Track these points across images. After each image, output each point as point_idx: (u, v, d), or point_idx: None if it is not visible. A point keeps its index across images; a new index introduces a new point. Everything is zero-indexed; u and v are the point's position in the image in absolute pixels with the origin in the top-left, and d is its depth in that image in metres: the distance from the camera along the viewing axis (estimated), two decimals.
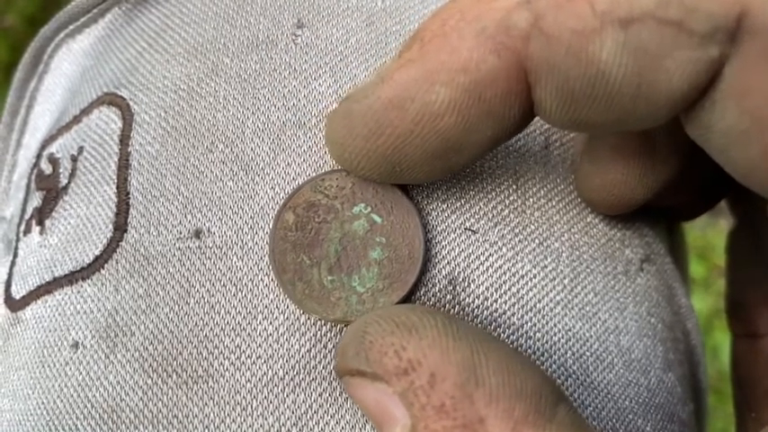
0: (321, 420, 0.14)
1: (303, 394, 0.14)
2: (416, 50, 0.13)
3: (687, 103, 0.12)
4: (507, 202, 0.16)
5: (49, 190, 0.18)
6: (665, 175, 0.15)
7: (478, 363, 0.11)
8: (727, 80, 0.11)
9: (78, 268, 0.16)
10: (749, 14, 0.11)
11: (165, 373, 0.15)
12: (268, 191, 0.16)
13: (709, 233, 0.80)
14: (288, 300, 0.15)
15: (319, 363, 0.14)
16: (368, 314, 0.13)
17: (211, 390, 0.14)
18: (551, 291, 0.16)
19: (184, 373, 0.15)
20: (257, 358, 0.14)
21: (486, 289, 0.15)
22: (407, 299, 0.15)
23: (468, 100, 0.12)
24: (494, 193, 0.16)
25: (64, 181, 0.18)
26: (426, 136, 0.13)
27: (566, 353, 0.15)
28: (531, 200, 0.16)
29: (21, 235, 0.19)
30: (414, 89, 0.12)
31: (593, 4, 0.11)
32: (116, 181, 0.16)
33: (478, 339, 0.12)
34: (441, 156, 0.13)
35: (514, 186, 0.16)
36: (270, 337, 0.15)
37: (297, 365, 0.14)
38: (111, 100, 0.18)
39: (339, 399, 0.14)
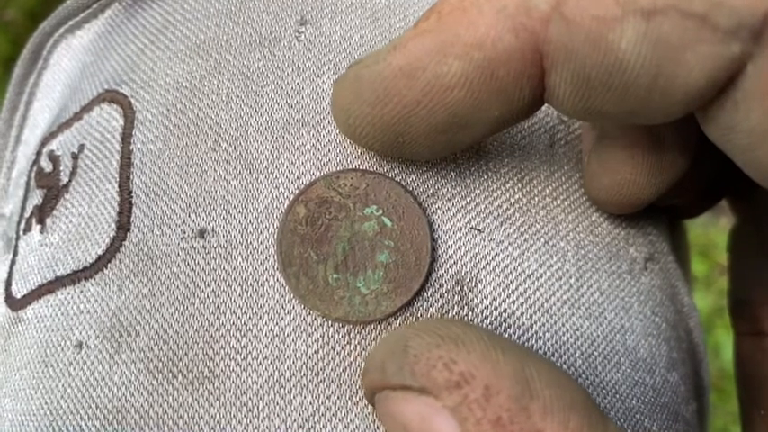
0: (329, 423, 0.14)
1: (310, 396, 0.14)
2: (434, 21, 0.12)
3: (703, 100, 0.12)
4: (512, 200, 0.16)
5: (49, 188, 0.18)
6: (672, 176, 0.15)
7: (530, 376, 0.11)
8: (752, 80, 0.11)
9: (81, 267, 0.16)
10: None
11: (170, 374, 0.15)
12: (272, 190, 0.15)
13: (711, 231, 0.80)
14: (293, 300, 0.15)
15: (327, 364, 0.14)
16: (402, 329, 0.12)
17: (217, 390, 0.14)
18: (558, 290, 0.15)
19: (190, 374, 0.14)
20: (264, 359, 0.14)
21: (494, 289, 0.15)
22: (410, 305, 0.15)
23: (480, 76, 0.12)
24: (499, 192, 0.16)
25: (65, 179, 0.17)
26: (434, 108, 0.13)
27: (575, 353, 0.15)
28: (536, 198, 0.16)
29: (21, 233, 0.18)
30: (426, 59, 0.12)
31: None
32: (118, 179, 0.16)
33: (525, 353, 0.12)
34: (445, 130, 0.13)
35: (519, 185, 0.16)
36: (276, 338, 0.14)
37: (304, 367, 0.14)
38: (113, 97, 0.18)
39: (348, 402, 0.14)
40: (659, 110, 0.12)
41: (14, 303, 0.17)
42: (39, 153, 0.19)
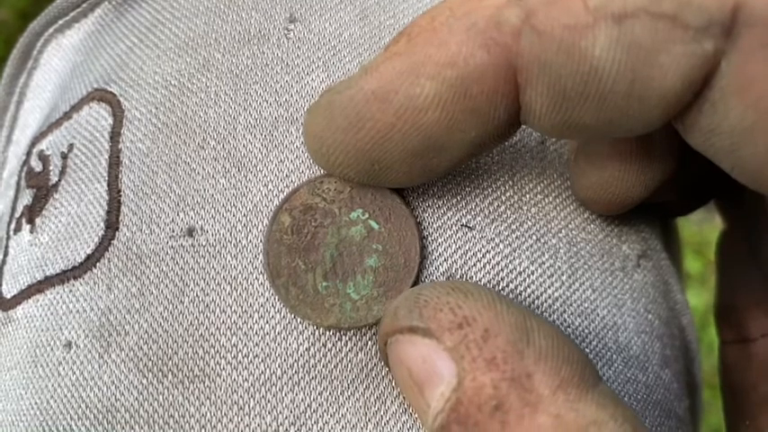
0: (320, 420, 0.14)
1: (302, 393, 0.14)
2: (404, 44, 0.12)
3: (681, 104, 0.12)
4: (504, 198, 0.16)
5: (39, 187, 0.18)
6: (661, 174, 0.15)
7: (530, 327, 0.12)
8: (727, 76, 0.11)
9: (70, 267, 0.16)
10: (745, 7, 0.11)
11: (160, 373, 0.14)
12: (261, 188, 0.15)
13: (706, 229, 0.81)
14: None
15: (318, 362, 0.14)
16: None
17: (208, 389, 0.14)
18: (550, 287, 0.15)
19: (180, 373, 0.14)
20: (254, 357, 0.14)
21: (485, 286, 0.15)
22: None
23: (454, 95, 0.12)
24: (490, 190, 0.16)
25: (54, 178, 0.17)
26: (408, 131, 0.13)
27: None
28: (527, 196, 0.16)
29: (11, 233, 0.18)
30: (398, 81, 0.12)
31: None
32: (107, 178, 0.16)
33: (529, 312, 0.12)
34: (421, 154, 0.13)
35: (511, 182, 0.16)
36: (267, 336, 0.14)
37: (295, 364, 0.14)
38: (102, 96, 0.17)
39: (340, 398, 0.14)
40: (638, 118, 0.12)
41: (4, 303, 0.17)
42: (29, 153, 0.19)
